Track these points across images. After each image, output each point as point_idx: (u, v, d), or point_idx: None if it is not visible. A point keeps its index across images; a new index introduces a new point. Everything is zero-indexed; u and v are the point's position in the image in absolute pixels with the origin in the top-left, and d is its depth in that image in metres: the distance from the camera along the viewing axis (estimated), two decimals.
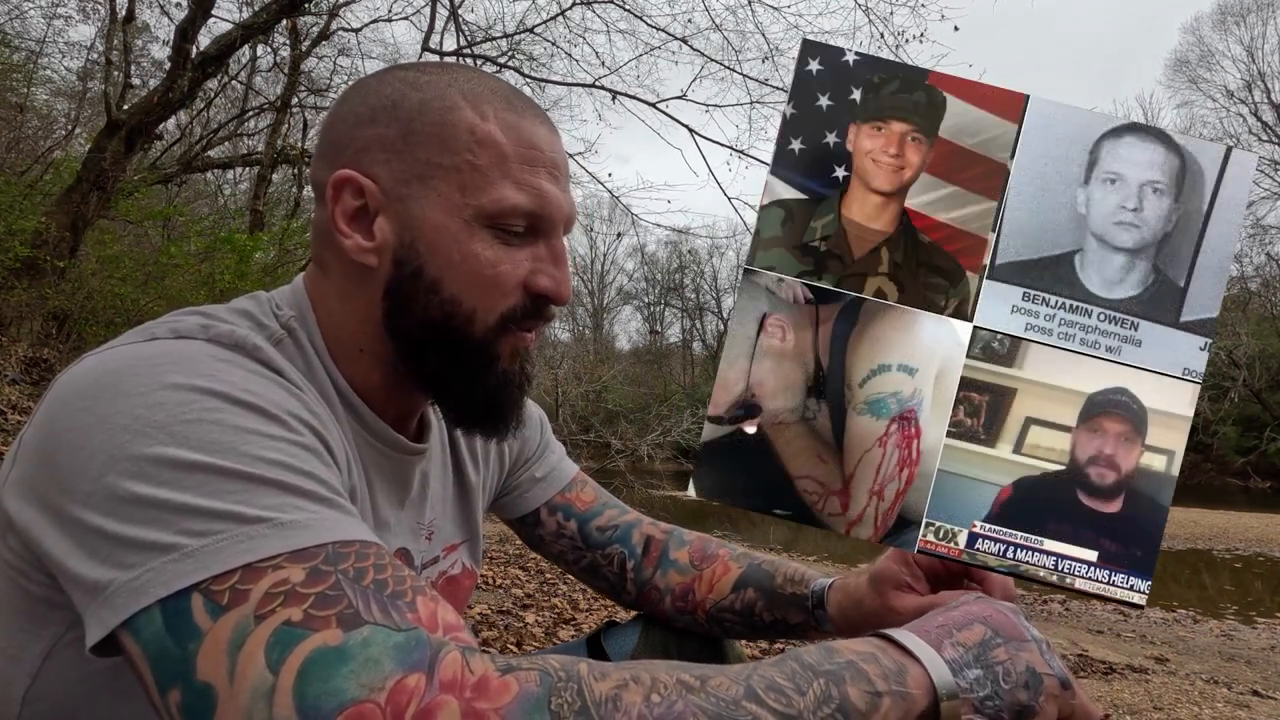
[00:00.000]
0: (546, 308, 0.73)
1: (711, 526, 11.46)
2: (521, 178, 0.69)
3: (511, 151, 0.69)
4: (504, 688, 0.45)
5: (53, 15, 11.56)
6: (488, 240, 0.69)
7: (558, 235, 0.73)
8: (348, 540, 0.51)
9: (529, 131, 0.70)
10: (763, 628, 0.91)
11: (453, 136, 0.68)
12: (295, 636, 0.44)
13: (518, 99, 0.72)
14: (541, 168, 0.70)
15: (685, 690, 0.48)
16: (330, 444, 0.62)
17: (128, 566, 0.48)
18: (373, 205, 0.69)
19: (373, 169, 0.69)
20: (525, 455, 1.00)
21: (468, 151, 0.68)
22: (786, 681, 0.51)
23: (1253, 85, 28.97)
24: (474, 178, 0.68)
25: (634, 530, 1.00)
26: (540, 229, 0.71)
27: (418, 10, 9.60)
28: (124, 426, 0.51)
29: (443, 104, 0.69)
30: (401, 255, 0.68)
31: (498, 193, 0.68)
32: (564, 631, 3.49)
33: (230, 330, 0.62)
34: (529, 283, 0.71)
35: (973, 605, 0.62)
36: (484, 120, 0.69)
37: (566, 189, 0.73)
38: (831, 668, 0.53)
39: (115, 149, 6.84)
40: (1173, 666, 4.16)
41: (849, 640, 0.57)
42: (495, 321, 0.70)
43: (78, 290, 7.30)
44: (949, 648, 0.56)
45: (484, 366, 0.71)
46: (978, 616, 0.60)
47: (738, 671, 0.51)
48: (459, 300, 0.69)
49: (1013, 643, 0.58)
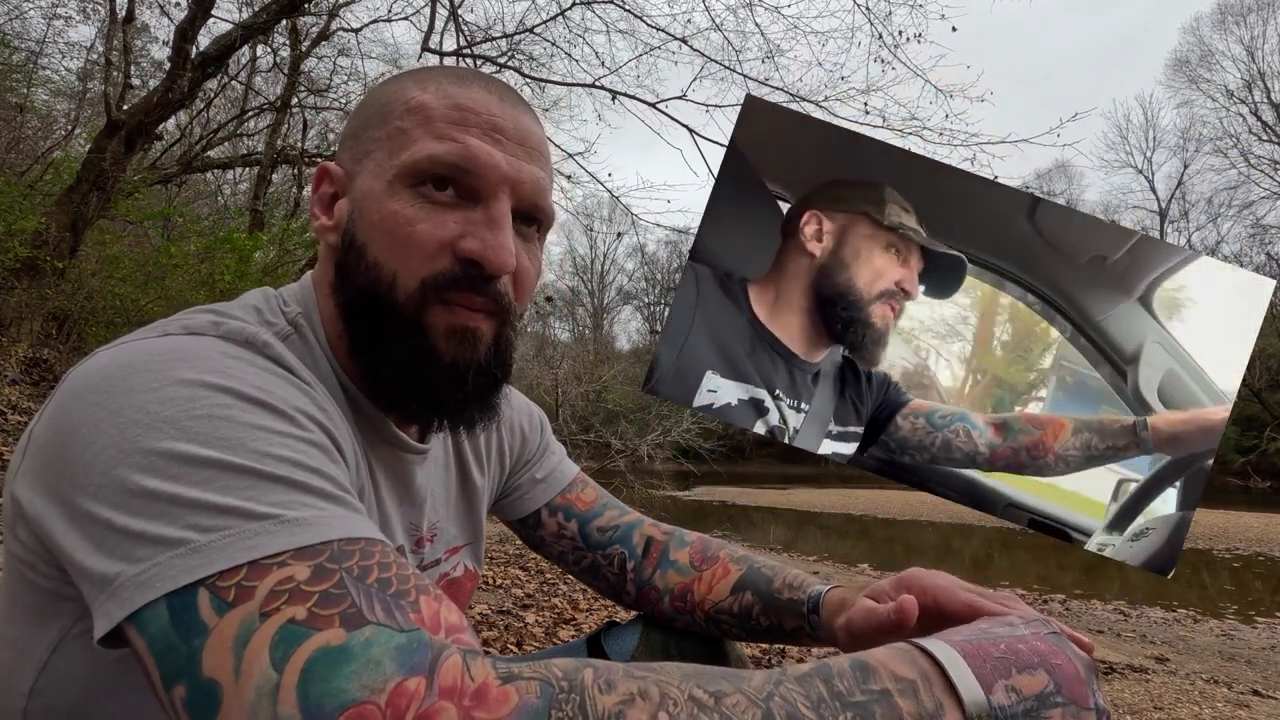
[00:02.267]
0: (482, 279, 0.67)
1: (711, 526, 11.47)
2: (445, 132, 0.67)
3: (439, 113, 0.68)
4: (503, 697, 0.44)
5: (53, 16, 11.58)
6: (408, 199, 0.66)
7: (498, 199, 0.67)
8: (353, 538, 0.51)
9: (466, 95, 0.69)
10: (759, 632, 0.91)
11: (390, 110, 0.70)
12: (299, 635, 0.45)
13: (473, 75, 0.71)
14: (474, 126, 0.67)
15: (697, 708, 0.45)
16: (339, 440, 0.62)
17: (135, 560, 0.48)
18: (338, 190, 0.72)
19: (342, 157, 0.73)
20: (526, 457, 1.00)
21: (398, 119, 0.69)
22: (810, 712, 0.46)
23: (1253, 85, 28.99)
24: (400, 140, 0.68)
25: (634, 531, 1.00)
26: (473, 189, 0.67)
27: (417, 10, 9.62)
28: (134, 421, 0.52)
29: (395, 86, 0.71)
30: (348, 228, 0.70)
31: (416, 147, 0.67)
32: (564, 631, 3.49)
33: (241, 327, 0.62)
34: (456, 246, 0.66)
35: (1043, 642, 0.53)
36: (422, 91, 0.69)
37: (519, 155, 0.69)
38: (863, 699, 0.47)
39: (115, 149, 6.84)
40: (1173, 666, 4.16)
41: (889, 655, 0.50)
42: (416, 287, 0.66)
43: (78, 290, 7.30)
44: (1000, 691, 0.48)
45: (414, 341, 0.67)
46: (1046, 661, 0.51)
47: (758, 688, 0.47)
48: (380, 264, 0.67)
49: (1072, 708, 0.49)
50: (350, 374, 0.72)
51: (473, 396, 0.70)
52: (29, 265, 6.56)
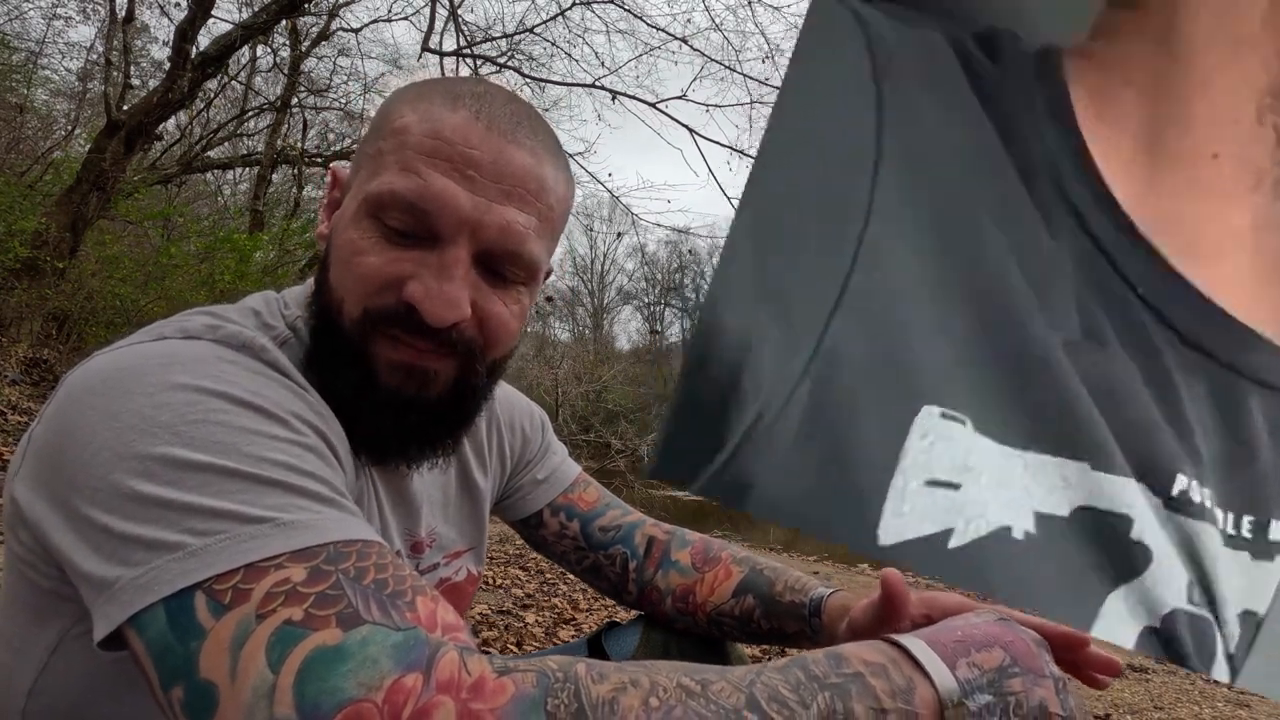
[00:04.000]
0: (421, 324, 0.63)
1: (711, 526, 11.46)
2: (412, 164, 0.63)
3: (414, 140, 0.64)
4: (500, 689, 0.45)
5: (52, 16, 11.57)
6: (366, 229, 0.64)
7: (454, 244, 0.63)
8: (349, 540, 0.51)
9: (449, 123, 0.64)
10: (760, 635, 0.91)
11: (382, 127, 0.68)
12: (296, 636, 0.45)
13: (472, 98, 0.65)
14: (444, 159, 0.63)
15: (685, 695, 0.48)
16: (334, 444, 0.62)
17: (133, 564, 0.48)
18: (341, 197, 0.72)
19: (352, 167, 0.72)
20: (527, 457, 1.00)
21: (382, 139, 0.67)
22: (790, 693, 0.49)
23: None
24: (375, 165, 0.66)
25: (636, 531, 1.00)
26: (433, 230, 0.63)
27: (417, 10, 9.62)
28: (131, 425, 0.52)
29: (395, 100, 0.69)
30: (330, 243, 0.70)
31: (382, 177, 0.64)
32: (564, 631, 3.49)
33: (237, 331, 0.63)
34: (401, 287, 0.63)
35: (995, 626, 0.58)
36: (412, 112, 0.66)
37: (490, 195, 0.63)
38: (838, 680, 0.51)
39: (115, 149, 6.84)
40: (1173, 666, 4.16)
41: (859, 647, 0.54)
42: (359, 315, 0.65)
43: (78, 291, 7.30)
44: (963, 666, 0.53)
45: (358, 370, 0.65)
46: (999, 640, 0.56)
47: (741, 677, 0.50)
48: (334, 287, 0.67)
49: (1030, 675, 0.54)
50: None
51: (415, 432, 0.69)
52: (29, 265, 6.56)
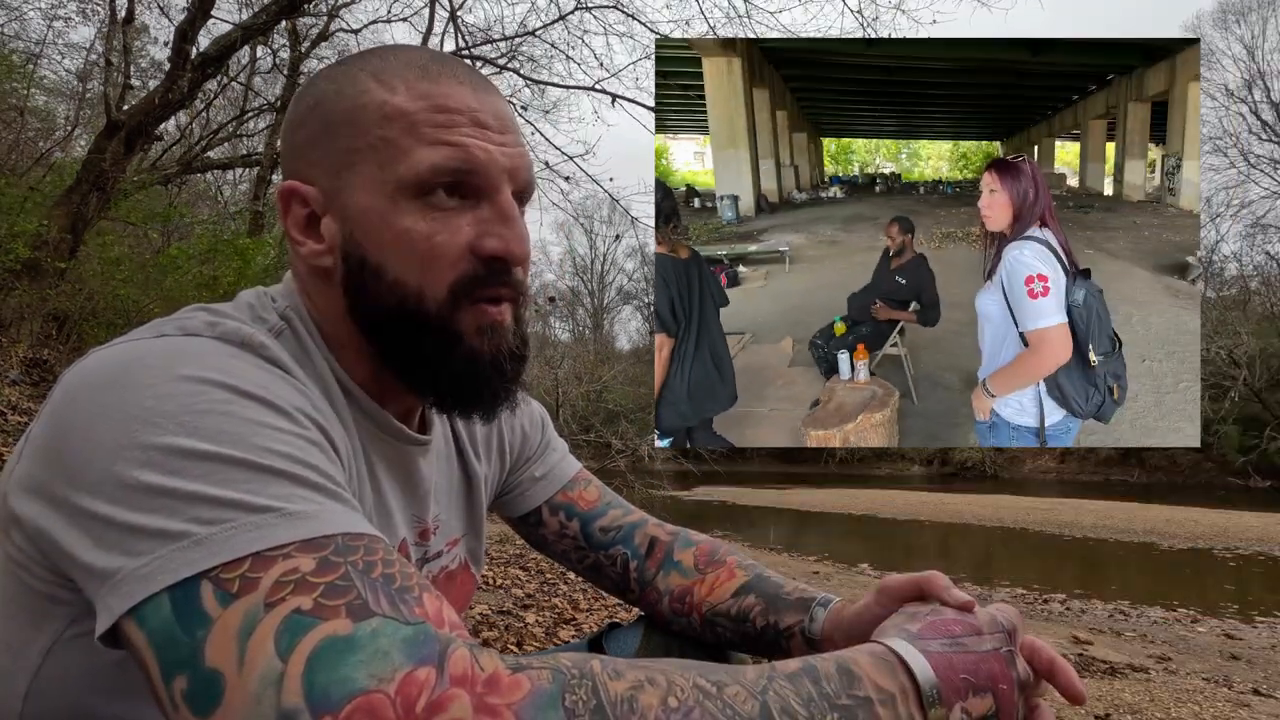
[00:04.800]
0: (503, 271, 0.69)
1: (711, 526, 11.46)
2: (436, 136, 0.66)
3: (422, 116, 0.66)
4: (516, 684, 0.45)
5: (52, 17, 11.58)
6: (417, 212, 0.66)
7: (501, 191, 0.68)
8: (356, 533, 0.51)
9: (441, 93, 0.67)
10: (754, 635, 0.89)
11: (363, 118, 0.67)
12: (305, 625, 0.45)
13: (435, 64, 0.69)
14: (460, 124, 0.67)
15: (702, 696, 0.48)
16: (334, 439, 0.62)
17: (136, 554, 0.48)
18: (318, 209, 0.70)
19: (310, 173, 0.70)
20: (526, 454, 0.99)
21: (378, 128, 0.67)
22: (801, 708, 0.51)
23: (1253, 84, 28.97)
24: (389, 152, 0.66)
25: (637, 531, 0.99)
26: (476, 188, 0.68)
27: (416, 11, 9.61)
28: (133, 416, 0.52)
29: (354, 89, 0.69)
30: (347, 249, 0.69)
31: (412, 158, 0.66)
32: (564, 632, 3.49)
33: (237, 328, 0.63)
34: (476, 247, 0.67)
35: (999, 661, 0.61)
36: (392, 94, 0.67)
37: (508, 142, 0.69)
38: (848, 703, 0.52)
39: (115, 150, 6.84)
40: (1173, 666, 4.16)
41: (871, 667, 0.56)
42: (445, 295, 0.67)
43: (78, 291, 7.31)
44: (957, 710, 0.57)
45: (448, 345, 0.68)
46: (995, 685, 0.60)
47: (753, 681, 0.51)
48: (404, 281, 0.67)
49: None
50: (348, 369, 0.72)
51: (513, 380, 0.73)
52: (29, 266, 6.56)
